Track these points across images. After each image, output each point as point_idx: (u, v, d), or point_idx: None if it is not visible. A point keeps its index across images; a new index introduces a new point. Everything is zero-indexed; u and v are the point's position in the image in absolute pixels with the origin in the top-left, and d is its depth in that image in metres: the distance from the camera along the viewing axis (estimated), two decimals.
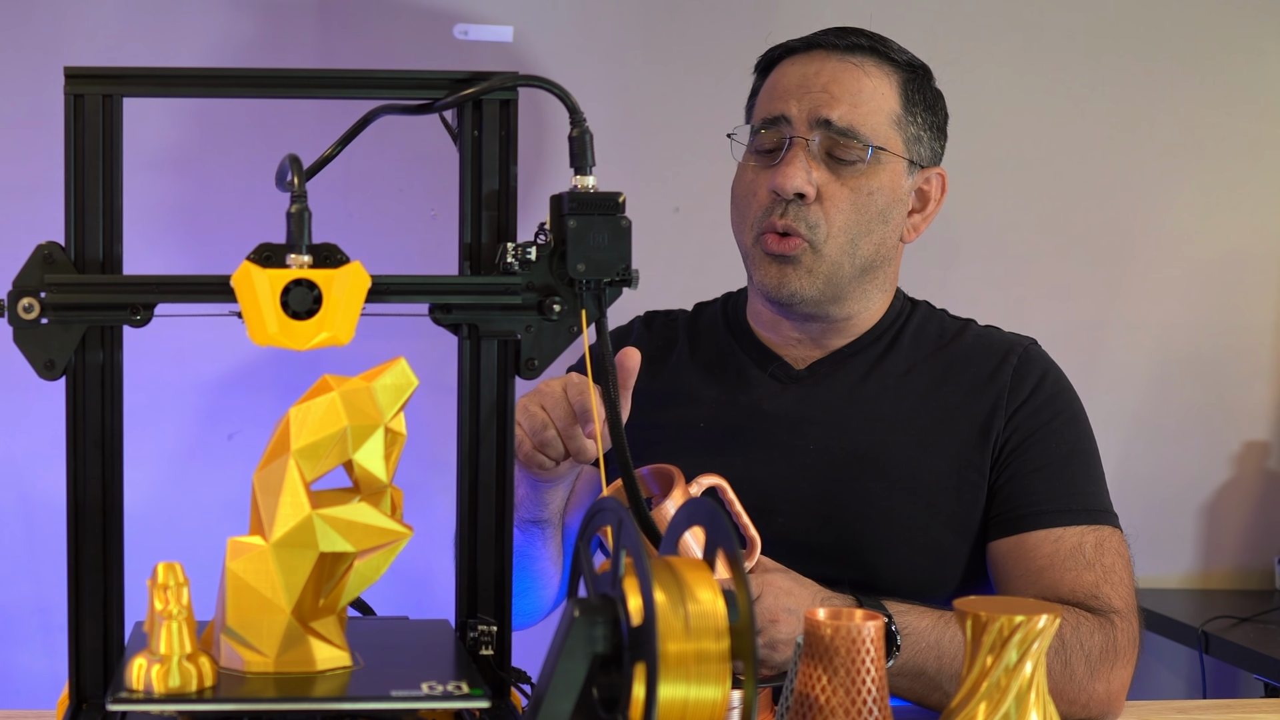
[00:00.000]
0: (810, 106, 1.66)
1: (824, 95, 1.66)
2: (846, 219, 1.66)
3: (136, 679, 1.00)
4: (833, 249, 1.66)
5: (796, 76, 1.69)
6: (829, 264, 1.66)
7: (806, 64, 1.70)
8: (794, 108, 1.67)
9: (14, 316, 1.05)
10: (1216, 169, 2.55)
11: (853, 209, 1.66)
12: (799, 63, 1.71)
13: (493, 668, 1.11)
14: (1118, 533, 1.64)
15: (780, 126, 1.67)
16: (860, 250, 1.68)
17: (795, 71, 1.70)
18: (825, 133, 1.65)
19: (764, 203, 1.67)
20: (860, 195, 1.66)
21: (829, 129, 1.65)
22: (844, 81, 1.67)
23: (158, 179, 2.22)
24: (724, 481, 1.44)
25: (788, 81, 1.70)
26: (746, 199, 1.70)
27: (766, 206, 1.67)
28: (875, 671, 1.07)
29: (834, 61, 1.68)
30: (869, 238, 1.68)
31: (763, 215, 1.67)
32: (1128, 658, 1.55)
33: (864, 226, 1.67)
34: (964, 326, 1.78)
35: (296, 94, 1.12)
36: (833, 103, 1.66)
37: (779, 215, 1.65)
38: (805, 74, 1.69)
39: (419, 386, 1.04)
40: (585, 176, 1.11)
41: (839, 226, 1.65)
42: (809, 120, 1.66)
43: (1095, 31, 2.50)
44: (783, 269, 1.67)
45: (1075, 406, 1.71)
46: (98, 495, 1.08)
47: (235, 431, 2.29)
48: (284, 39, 2.30)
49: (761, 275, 1.69)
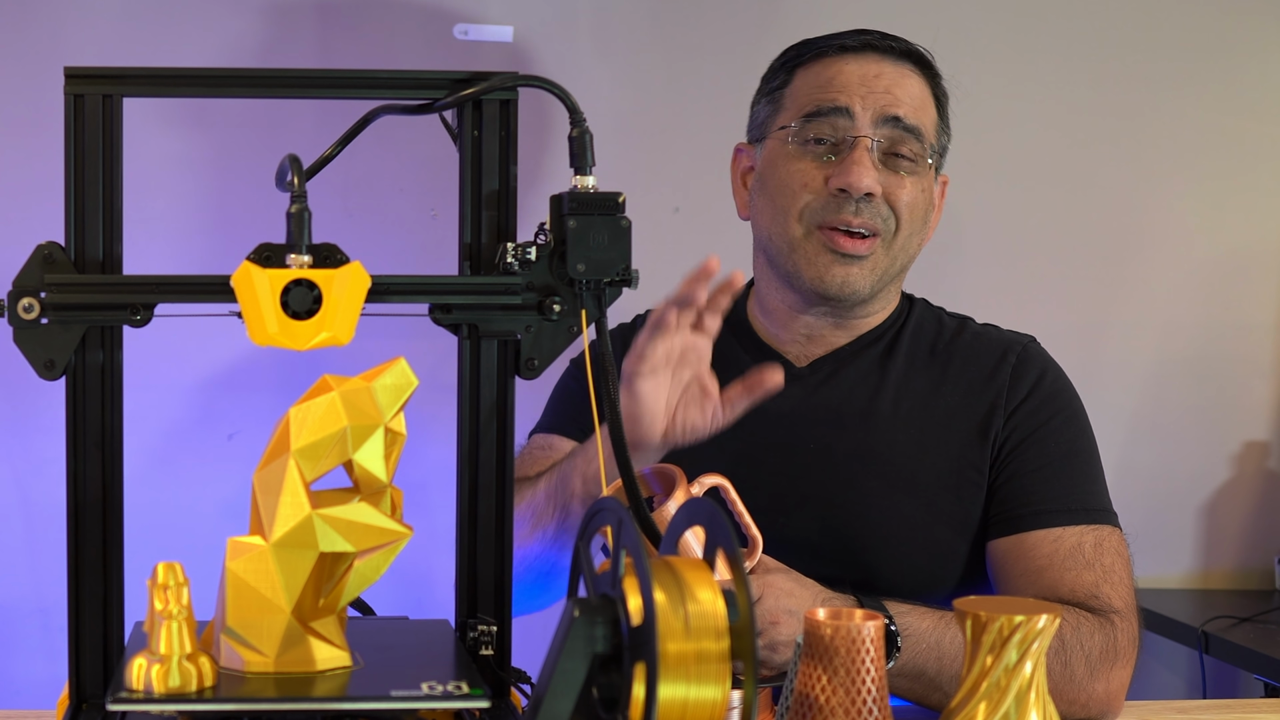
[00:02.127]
0: (877, 105, 1.66)
1: (888, 96, 1.67)
2: (906, 219, 1.67)
3: (136, 679, 1.00)
4: (897, 246, 1.68)
5: (855, 74, 1.68)
6: (888, 261, 1.68)
7: (863, 64, 1.69)
8: (858, 104, 1.66)
9: (14, 316, 1.05)
10: (1216, 169, 2.54)
11: (909, 209, 1.67)
12: (854, 61, 1.70)
13: (493, 668, 1.11)
14: (1117, 532, 1.65)
15: (839, 120, 1.66)
16: (910, 249, 1.70)
17: (853, 69, 1.69)
18: (892, 130, 1.66)
19: (820, 195, 1.66)
20: (915, 196, 1.67)
21: (896, 125, 1.66)
22: (904, 85, 1.69)
23: (156, 179, 2.22)
24: (726, 481, 1.44)
25: (846, 78, 1.68)
26: (794, 189, 1.68)
27: (826, 201, 1.66)
28: (875, 671, 1.07)
29: (890, 64, 1.69)
30: (916, 238, 1.70)
31: (822, 208, 1.66)
32: (1127, 657, 1.55)
33: (915, 227, 1.69)
34: (962, 324, 1.78)
35: (296, 94, 1.12)
36: (897, 103, 1.67)
37: (852, 213, 1.64)
38: (864, 73, 1.68)
39: (419, 386, 1.04)
40: (585, 176, 1.11)
41: (904, 223, 1.67)
42: (875, 118, 1.66)
43: (1095, 31, 2.49)
44: (848, 268, 1.66)
45: (1074, 405, 1.72)
46: (98, 495, 1.08)
47: (235, 431, 2.29)
48: (284, 39, 2.29)
49: (817, 271, 1.67)
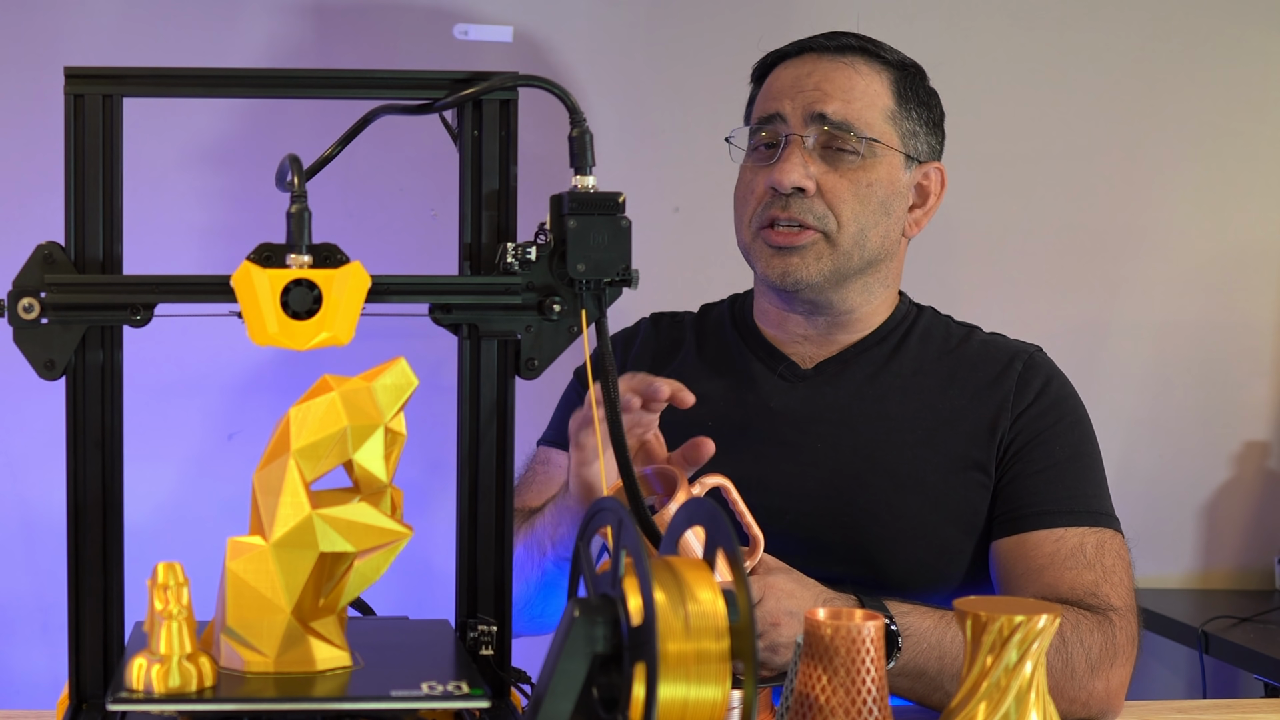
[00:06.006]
0: (804, 104, 1.69)
1: (817, 93, 1.69)
2: (851, 210, 1.68)
3: (136, 679, 1.00)
4: (845, 239, 1.68)
5: (789, 78, 1.73)
6: (840, 254, 1.68)
7: (799, 66, 1.74)
8: (788, 106, 1.70)
9: (14, 316, 1.05)
10: (1216, 169, 2.54)
11: (855, 200, 1.68)
12: (791, 66, 1.75)
13: (493, 668, 1.11)
14: (1119, 535, 1.65)
15: (775, 125, 1.71)
16: (869, 242, 1.70)
17: (788, 74, 1.74)
18: (820, 128, 1.68)
19: (761, 198, 1.70)
20: (860, 187, 1.68)
21: (824, 123, 1.68)
22: (836, 79, 1.70)
23: (156, 179, 2.22)
24: (728, 481, 1.44)
25: (780, 83, 1.73)
26: (745, 197, 1.73)
27: (765, 202, 1.69)
28: (875, 671, 1.07)
29: (825, 62, 1.72)
30: (876, 229, 1.70)
31: (762, 211, 1.69)
32: (1127, 656, 1.55)
33: (869, 218, 1.69)
34: (969, 333, 1.79)
35: (296, 94, 1.12)
36: (825, 99, 1.69)
37: (780, 208, 1.67)
38: (798, 75, 1.72)
39: (419, 386, 1.04)
40: (585, 176, 1.11)
41: (847, 217, 1.68)
42: (803, 117, 1.69)
43: (1095, 31, 2.49)
44: (787, 257, 1.68)
45: (1079, 411, 1.73)
46: (98, 495, 1.08)
47: (235, 431, 2.29)
48: (283, 39, 2.29)
49: (765, 266, 1.70)
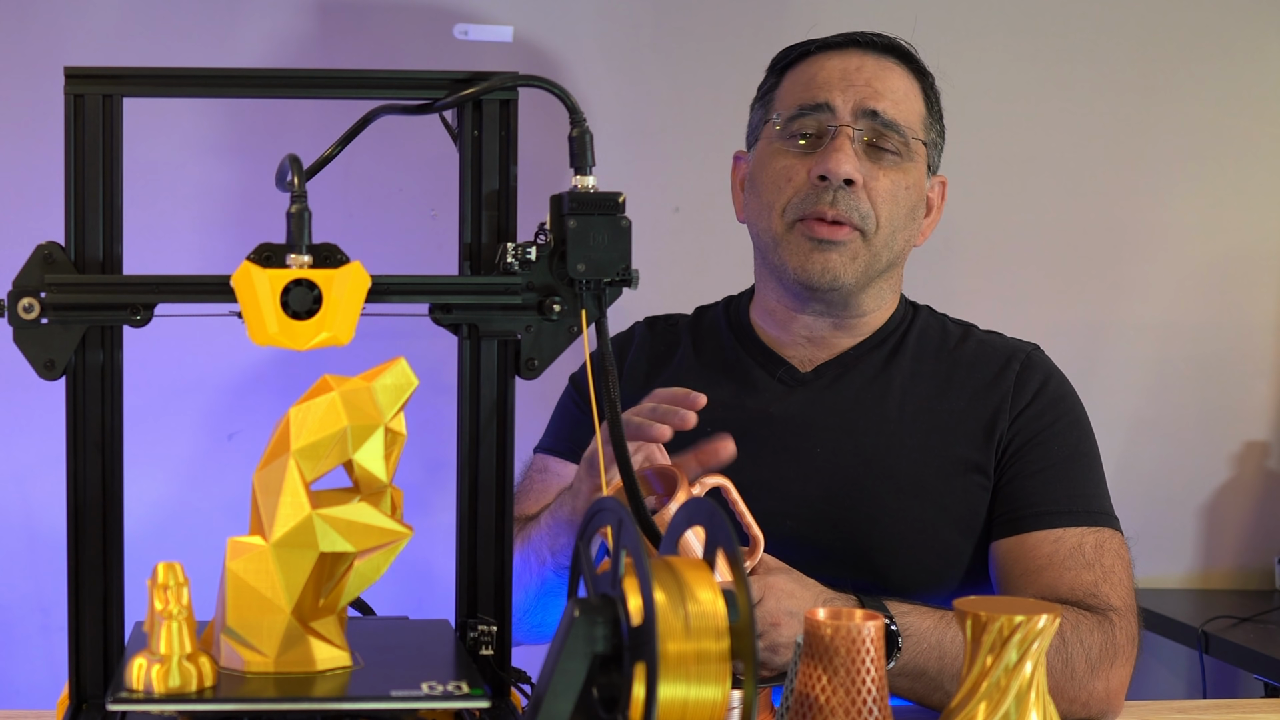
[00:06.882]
0: (857, 98, 1.67)
1: (868, 89, 1.68)
2: (889, 210, 1.67)
3: (136, 679, 1.00)
4: (879, 240, 1.67)
5: (837, 70, 1.70)
6: (872, 253, 1.67)
7: (845, 59, 1.71)
8: (838, 98, 1.67)
9: (14, 316, 1.05)
10: (1216, 169, 2.54)
11: (893, 201, 1.67)
12: (837, 58, 1.71)
13: (493, 668, 1.11)
14: (1118, 535, 1.65)
15: (822, 115, 1.68)
16: (896, 245, 1.69)
17: (835, 65, 1.70)
18: (871, 124, 1.66)
19: (802, 188, 1.67)
20: (898, 188, 1.67)
21: (875, 120, 1.66)
22: (886, 79, 1.69)
23: (156, 179, 2.22)
24: (728, 482, 1.44)
25: (827, 74, 1.70)
26: (778, 183, 1.69)
27: (807, 192, 1.66)
28: (875, 671, 1.07)
29: (872, 59, 1.70)
30: (903, 233, 1.70)
31: (801, 201, 1.66)
32: (1126, 656, 1.55)
33: (900, 220, 1.69)
34: (966, 332, 1.78)
35: (296, 94, 1.12)
36: (877, 96, 1.67)
37: (828, 203, 1.65)
38: (846, 68, 1.70)
39: (419, 386, 1.04)
40: (585, 176, 1.11)
41: (885, 217, 1.67)
42: (855, 111, 1.67)
43: (1095, 31, 2.49)
44: (826, 254, 1.66)
45: (1078, 411, 1.72)
46: (98, 495, 1.08)
47: (235, 431, 2.29)
48: (284, 39, 2.29)
49: (799, 260, 1.67)
